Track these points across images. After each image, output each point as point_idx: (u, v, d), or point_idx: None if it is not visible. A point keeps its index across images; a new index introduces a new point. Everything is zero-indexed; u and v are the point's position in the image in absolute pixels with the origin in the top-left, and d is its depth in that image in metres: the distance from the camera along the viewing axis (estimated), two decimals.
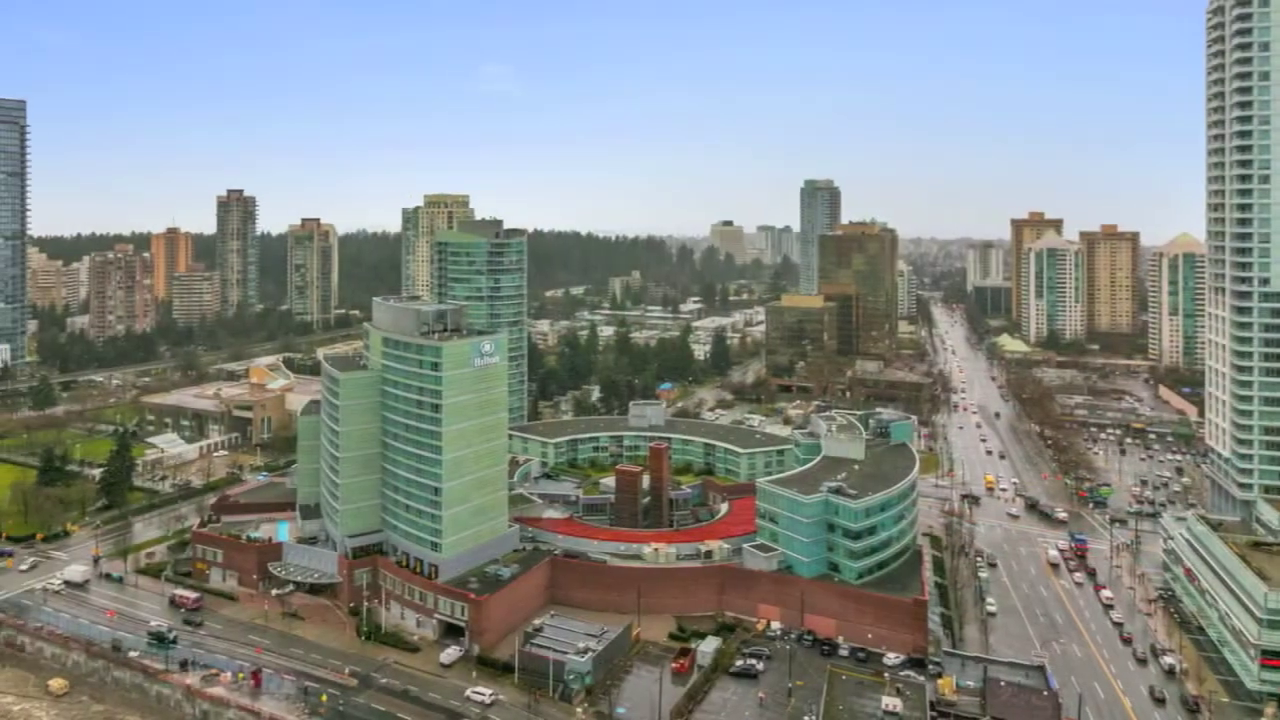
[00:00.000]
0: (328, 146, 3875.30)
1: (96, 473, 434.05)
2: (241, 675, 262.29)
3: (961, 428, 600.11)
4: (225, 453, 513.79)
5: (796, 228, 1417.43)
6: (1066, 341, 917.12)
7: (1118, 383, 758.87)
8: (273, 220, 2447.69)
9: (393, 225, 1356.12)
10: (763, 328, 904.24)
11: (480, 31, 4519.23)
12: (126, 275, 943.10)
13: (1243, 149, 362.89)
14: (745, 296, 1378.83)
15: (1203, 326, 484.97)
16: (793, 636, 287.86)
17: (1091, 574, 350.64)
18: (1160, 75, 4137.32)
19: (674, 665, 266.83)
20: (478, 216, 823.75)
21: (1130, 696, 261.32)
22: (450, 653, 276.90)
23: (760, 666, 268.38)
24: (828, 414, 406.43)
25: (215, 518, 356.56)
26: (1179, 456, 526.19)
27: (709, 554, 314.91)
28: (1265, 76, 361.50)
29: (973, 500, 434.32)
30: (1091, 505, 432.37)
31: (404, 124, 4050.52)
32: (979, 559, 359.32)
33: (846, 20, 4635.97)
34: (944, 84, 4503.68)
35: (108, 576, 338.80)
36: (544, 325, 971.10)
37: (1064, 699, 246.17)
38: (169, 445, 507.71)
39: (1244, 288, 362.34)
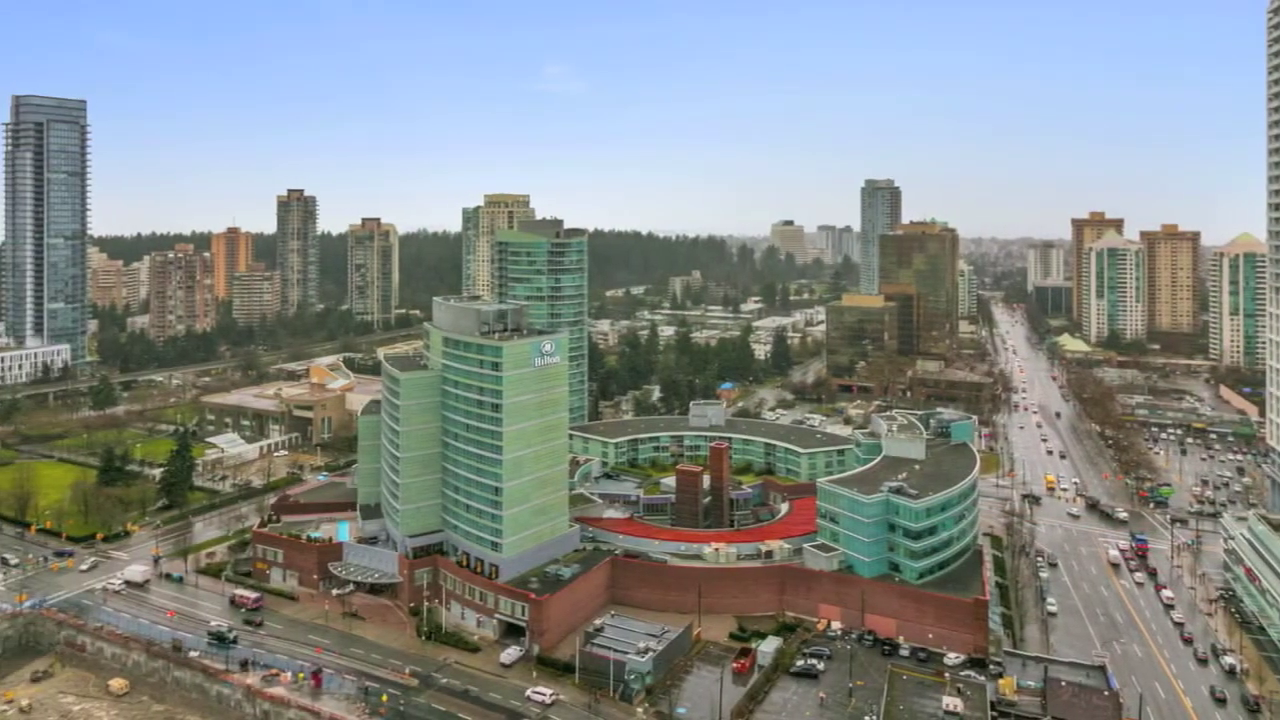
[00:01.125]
0: (389, 146, 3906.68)
1: (157, 473, 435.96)
2: (302, 675, 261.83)
3: (1022, 427, 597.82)
4: (285, 453, 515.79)
5: (857, 227, 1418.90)
6: (1127, 341, 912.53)
7: (1178, 382, 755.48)
8: (333, 220, 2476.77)
9: (453, 225, 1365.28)
10: (823, 327, 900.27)
11: (543, 32, 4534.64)
12: (187, 275, 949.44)
13: None
14: (806, 296, 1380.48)
15: (1264, 326, 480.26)
16: (853, 636, 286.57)
17: (1152, 574, 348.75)
18: (1221, 74, 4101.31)
19: (735, 665, 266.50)
20: (538, 216, 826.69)
21: (1191, 697, 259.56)
22: (511, 653, 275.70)
23: (821, 666, 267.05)
24: (888, 414, 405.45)
25: (275, 518, 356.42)
26: (1240, 456, 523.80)
27: (769, 554, 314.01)
28: None
29: (1033, 500, 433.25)
30: (1152, 505, 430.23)
31: (465, 124, 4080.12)
32: (1040, 559, 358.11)
33: (908, 20, 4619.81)
34: (1005, 84, 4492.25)
35: (168, 576, 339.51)
36: (604, 325, 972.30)
37: (1125, 699, 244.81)
38: (229, 445, 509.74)
39: None
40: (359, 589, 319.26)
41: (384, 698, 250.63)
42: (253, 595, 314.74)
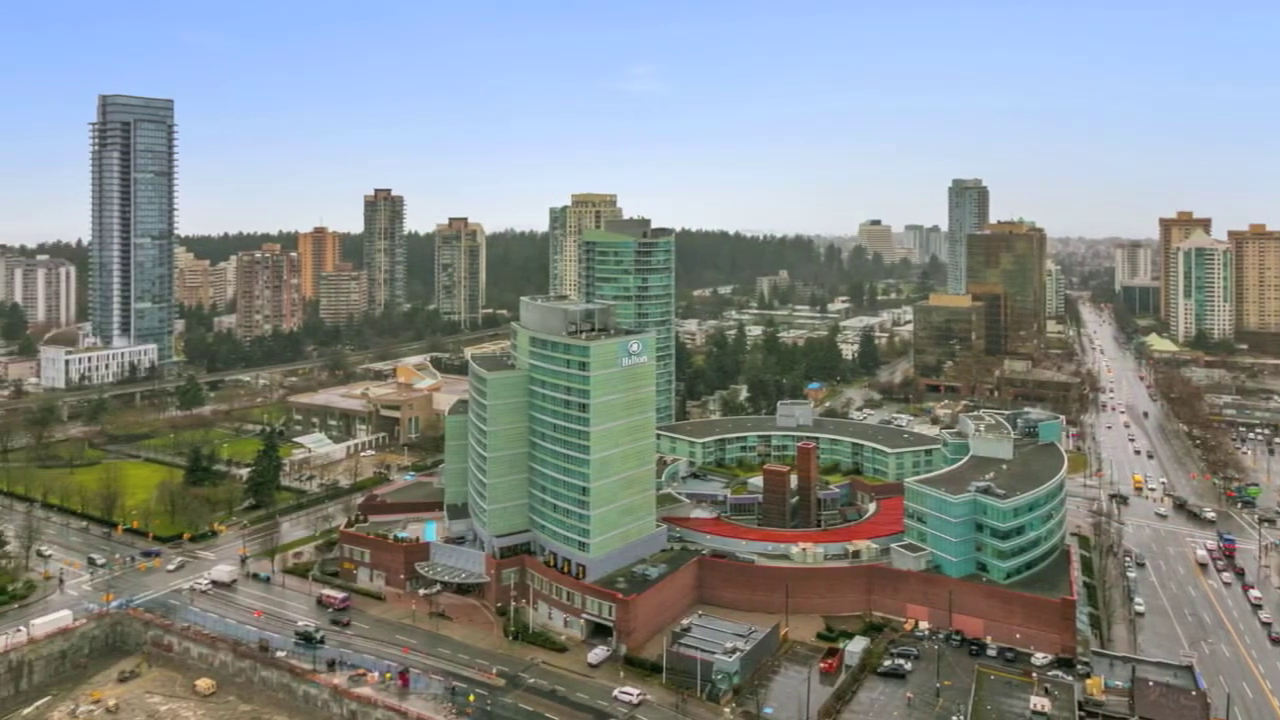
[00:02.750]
0: (475, 146, 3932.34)
1: (244, 473, 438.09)
2: (389, 675, 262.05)
3: (1110, 427, 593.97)
4: (372, 452, 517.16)
5: (944, 227, 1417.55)
6: (1215, 341, 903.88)
7: (1266, 382, 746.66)
8: (420, 220, 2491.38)
9: (540, 224, 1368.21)
10: (910, 327, 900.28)
11: (628, 31, 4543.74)
12: (274, 275, 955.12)
13: None
14: (893, 296, 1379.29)
15: None
16: (940, 636, 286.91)
17: (1240, 574, 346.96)
18: None
19: (822, 665, 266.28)
20: (625, 216, 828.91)
21: (1279, 696, 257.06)
22: (598, 653, 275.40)
23: (908, 666, 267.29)
24: (976, 413, 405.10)
25: (363, 517, 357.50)
26: None
27: (857, 554, 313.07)
28: None
29: (1121, 500, 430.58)
30: (1240, 505, 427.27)
31: (552, 123, 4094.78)
32: (1127, 559, 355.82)
33: (996, 20, 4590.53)
34: (1093, 83, 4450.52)
35: (255, 576, 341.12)
36: (691, 325, 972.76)
37: (1213, 699, 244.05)
38: (316, 445, 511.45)
39: None
40: (446, 589, 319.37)
41: (471, 697, 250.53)
42: (340, 595, 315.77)
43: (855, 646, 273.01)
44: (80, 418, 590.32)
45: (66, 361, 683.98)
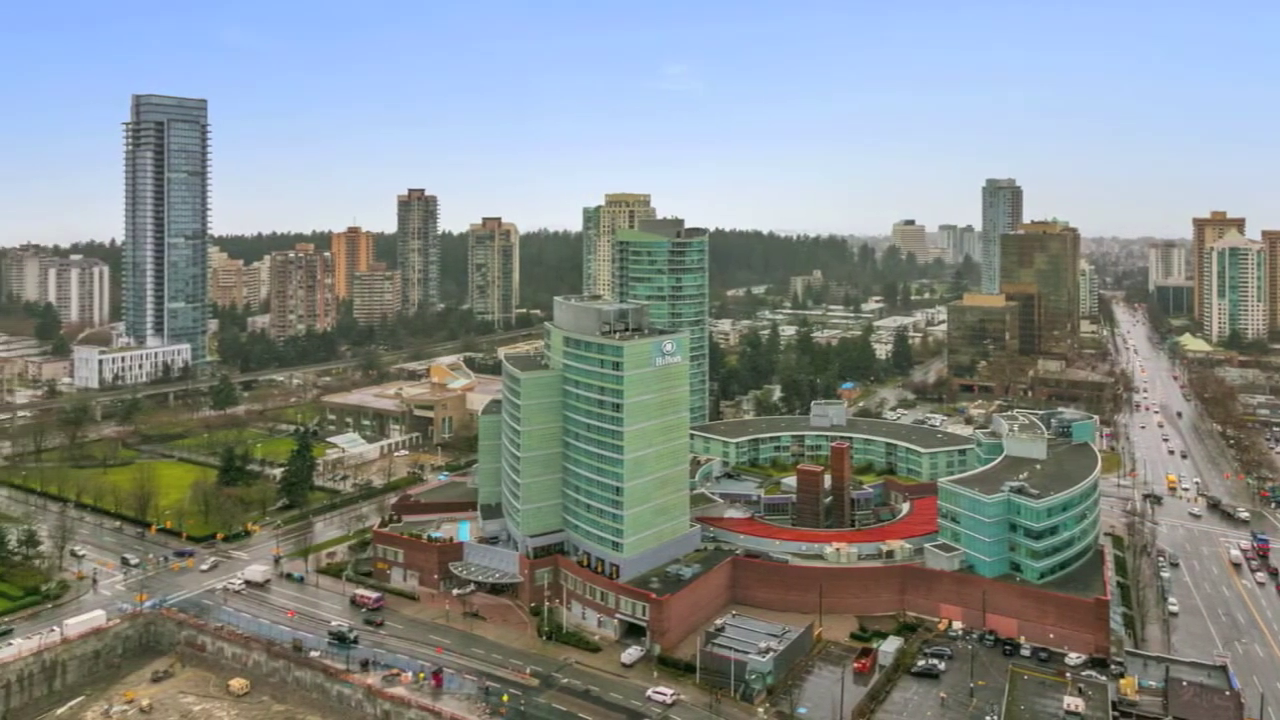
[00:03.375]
0: (510, 146, 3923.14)
1: (277, 472, 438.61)
2: (422, 675, 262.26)
3: (1143, 427, 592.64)
4: (406, 452, 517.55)
5: (978, 227, 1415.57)
6: (1249, 341, 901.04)
7: None
8: (454, 219, 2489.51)
9: (574, 224, 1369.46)
10: (944, 327, 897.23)
11: (663, 31, 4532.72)
12: (307, 274, 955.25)
13: None
14: (927, 296, 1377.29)
15: None
16: (974, 636, 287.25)
17: (1274, 574, 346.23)
18: None
19: (855, 665, 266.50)
20: (659, 215, 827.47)
21: None
22: (631, 653, 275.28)
23: (942, 666, 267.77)
24: (1009, 413, 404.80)
25: (396, 517, 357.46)
26: None
27: (890, 554, 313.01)
28: None
29: (1155, 500, 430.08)
30: (1274, 505, 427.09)
31: (586, 123, 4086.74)
32: (1161, 559, 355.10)
33: (1031, 19, 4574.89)
34: (1126, 83, 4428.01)
35: (288, 576, 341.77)
36: (725, 325, 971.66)
37: (1246, 699, 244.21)
38: (350, 445, 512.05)
39: None
40: (479, 589, 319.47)
41: (505, 698, 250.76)
42: (373, 595, 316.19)
43: (889, 646, 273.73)
44: (114, 418, 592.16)
45: (100, 361, 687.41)
